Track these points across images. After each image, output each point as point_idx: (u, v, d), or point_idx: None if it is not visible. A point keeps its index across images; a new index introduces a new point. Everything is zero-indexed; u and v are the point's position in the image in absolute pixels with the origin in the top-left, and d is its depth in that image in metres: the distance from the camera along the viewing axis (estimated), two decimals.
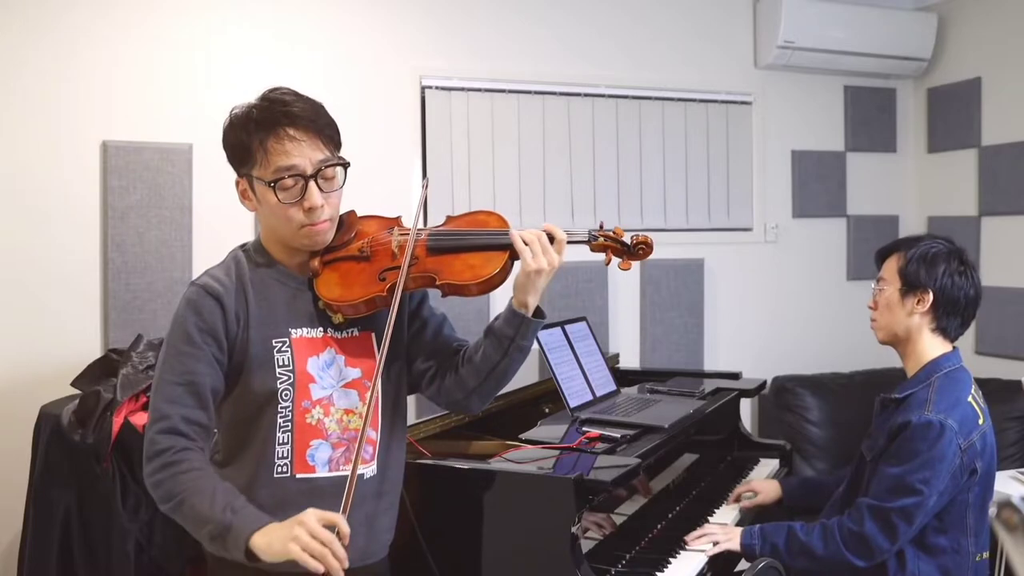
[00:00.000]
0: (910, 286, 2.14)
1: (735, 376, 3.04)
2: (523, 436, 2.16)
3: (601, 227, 1.68)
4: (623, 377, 3.00)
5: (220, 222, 3.17)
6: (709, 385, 2.84)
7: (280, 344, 1.60)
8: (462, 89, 3.56)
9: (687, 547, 2.13)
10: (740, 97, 4.09)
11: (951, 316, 2.14)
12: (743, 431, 3.00)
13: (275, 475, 1.58)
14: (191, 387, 1.54)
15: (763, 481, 2.54)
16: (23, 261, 2.93)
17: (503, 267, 1.60)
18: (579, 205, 3.78)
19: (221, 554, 1.50)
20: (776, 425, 3.88)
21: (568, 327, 2.61)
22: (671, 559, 2.07)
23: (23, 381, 2.90)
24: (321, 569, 1.39)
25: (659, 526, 2.26)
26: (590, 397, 2.47)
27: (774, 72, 4.12)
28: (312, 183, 1.56)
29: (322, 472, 1.60)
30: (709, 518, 2.37)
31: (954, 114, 4.21)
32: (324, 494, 1.58)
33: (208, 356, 1.56)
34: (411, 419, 2.09)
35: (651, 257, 1.72)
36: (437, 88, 3.52)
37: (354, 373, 1.64)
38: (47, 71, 2.95)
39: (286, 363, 1.59)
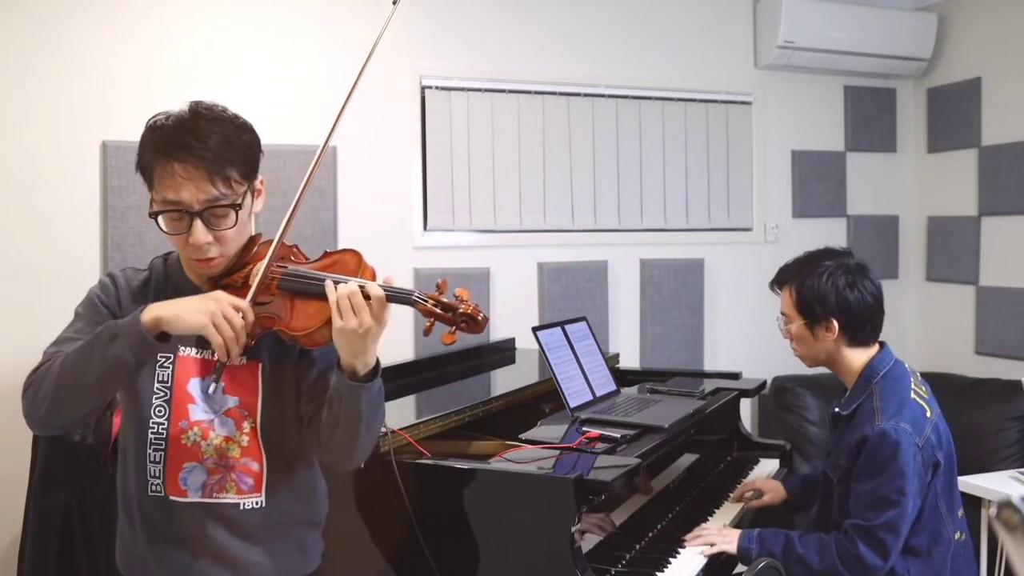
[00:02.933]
0: (812, 319, 2.19)
1: (735, 376, 3.04)
2: (523, 436, 2.16)
3: (439, 287, 1.45)
4: (623, 377, 3.00)
5: None
6: (709, 385, 2.84)
7: (163, 359, 1.54)
8: (462, 89, 3.56)
9: (685, 547, 2.13)
10: (740, 97, 4.09)
11: (860, 329, 2.19)
12: (743, 431, 3.00)
13: (149, 493, 1.54)
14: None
15: (767, 481, 2.54)
16: (23, 261, 2.93)
17: (327, 323, 1.42)
18: (579, 205, 3.78)
19: (123, 368, 1.39)
20: (776, 425, 3.88)
21: (568, 327, 2.61)
22: (671, 559, 2.07)
23: (23, 381, 2.89)
24: (225, 355, 1.37)
25: (659, 526, 2.26)
26: (590, 397, 2.47)
27: (774, 72, 4.12)
28: (198, 220, 1.44)
29: (195, 497, 1.53)
30: (709, 518, 2.37)
31: (954, 114, 4.20)
32: (199, 521, 1.53)
33: (101, 321, 1.51)
34: (411, 419, 2.09)
35: (651, 257, 1.69)
36: (437, 88, 3.52)
37: (232, 401, 1.55)
38: (47, 71, 2.95)
39: (165, 379, 1.54)
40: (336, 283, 1.42)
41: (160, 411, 1.53)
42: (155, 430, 1.53)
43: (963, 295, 4.18)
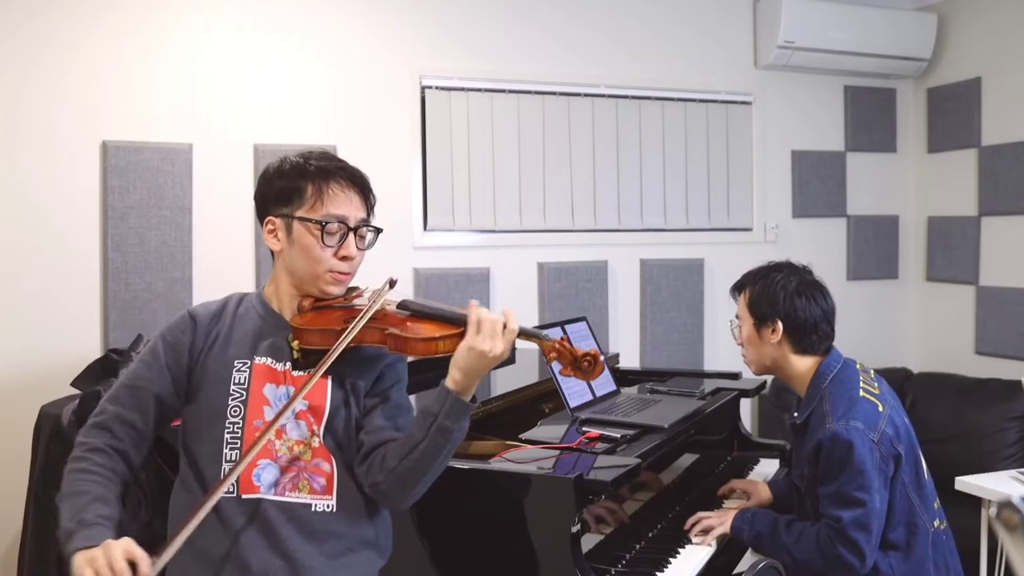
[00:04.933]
0: (760, 319, 2.24)
1: (735, 376, 3.04)
2: (523, 436, 2.15)
3: (562, 340, 1.63)
4: (623, 377, 3.00)
5: (220, 222, 3.18)
6: (709, 385, 2.83)
7: (241, 365, 1.63)
8: (462, 89, 3.56)
9: (678, 535, 2.15)
10: (740, 97, 4.09)
11: (805, 337, 2.22)
12: (743, 431, 3.00)
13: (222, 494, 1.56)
14: (135, 390, 1.61)
15: (751, 482, 2.54)
16: (23, 261, 2.93)
17: (451, 336, 1.57)
18: (579, 205, 3.78)
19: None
20: (776, 425, 3.88)
21: (568, 327, 2.61)
22: (671, 558, 2.07)
23: (23, 381, 2.90)
24: None
25: (659, 526, 2.26)
26: (590, 397, 2.47)
27: (774, 72, 4.12)
28: (351, 235, 1.65)
29: (267, 494, 1.58)
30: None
31: (954, 114, 4.21)
32: (269, 519, 1.57)
33: (161, 364, 1.63)
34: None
35: (651, 257, 1.71)
36: (437, 88, 3.52)
37: (302, 405, 1.62)
38: (48, 71, 2.96)
39: (242, 382, 1.62)
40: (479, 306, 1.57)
41: (236, 411, 1.61)
42: (231, 430, 1.60)
43: (963, 295, 4.18)
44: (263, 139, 3.24)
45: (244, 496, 1.58)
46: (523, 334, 1.58)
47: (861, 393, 2.14)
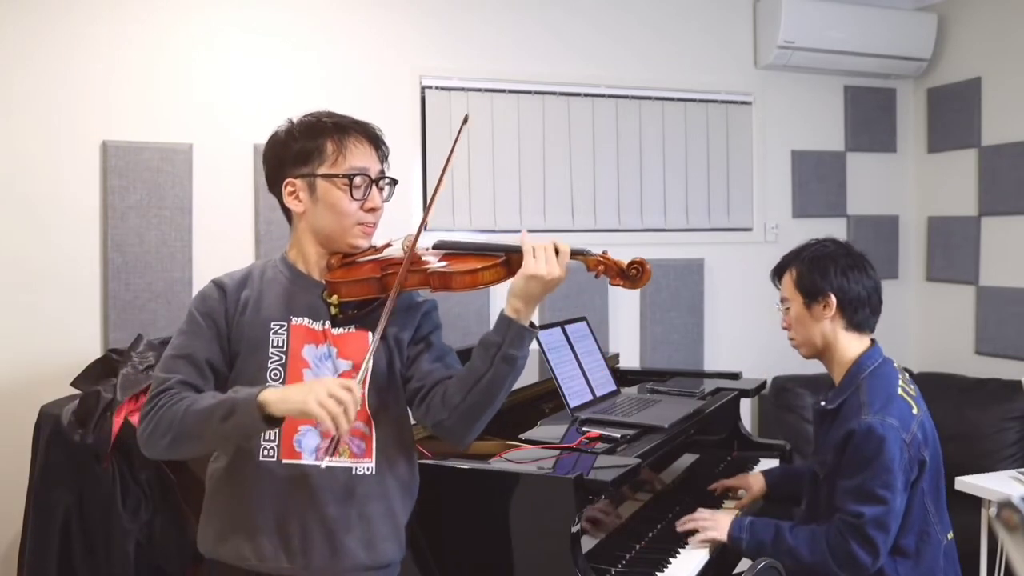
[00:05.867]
0: (811, 295, 2.18)
1: (735, 376, 3.04)
2: (523, 436, 2.16)
3: (604, 254, 1.67)
4: (623, 377, 3.00)
5: (220, 222, 3.17)
6: (709, 385, 2.84)
7: (278, 327, 1.63)
8: (462, 89, 3.56)
9: (678, 535, 2.14)
10: (740, 97, 4.09)
11: (859, 310, 2.17)
12: (743, 431, 3.00)
13: (261, 458, 1.59)
14: (189, 359, 1.59)
15: (746, 476, 2.53)
16: (23, 261, 2.93)
17: (493, 266, 1.61)
18: (579, 205, 3.78)
19: (234, 438, 1.52)
20: (776, 425, 3.88)
21: (568, 327, 2.61)
22: (671, 559, 2.07)
23: (23, 381, 2.90)
24: (333, 430, 1.42)
25: (659, 526, 2.26)
26: (590, 397, 2.47)
27: (774, 72, 4.12)
28: (374, 187, 1.67)
29: (308, 459, 1.59)
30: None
31: (954, 114, 4.21)
32: (309, 482, 1.58)
33: (207, 334, 1.62)
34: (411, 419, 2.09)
35: (651, 257, 1.71)
36: (437, 88, 3.52)
37: (345, 365, 1.63)
38: (47, 71, 2.95)
39: (280, 344, 1.62)
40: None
41: (276, 375, 1.60)
42: None
43: (963, 295, 4.18)
44: (263, 139, 3.20)
45: (285, 461, 1.59)
46: (572, 254, 1.62)
47: (899, 391, 2.10)
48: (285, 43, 3.28)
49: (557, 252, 1.57)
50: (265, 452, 1.59)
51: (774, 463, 2.86)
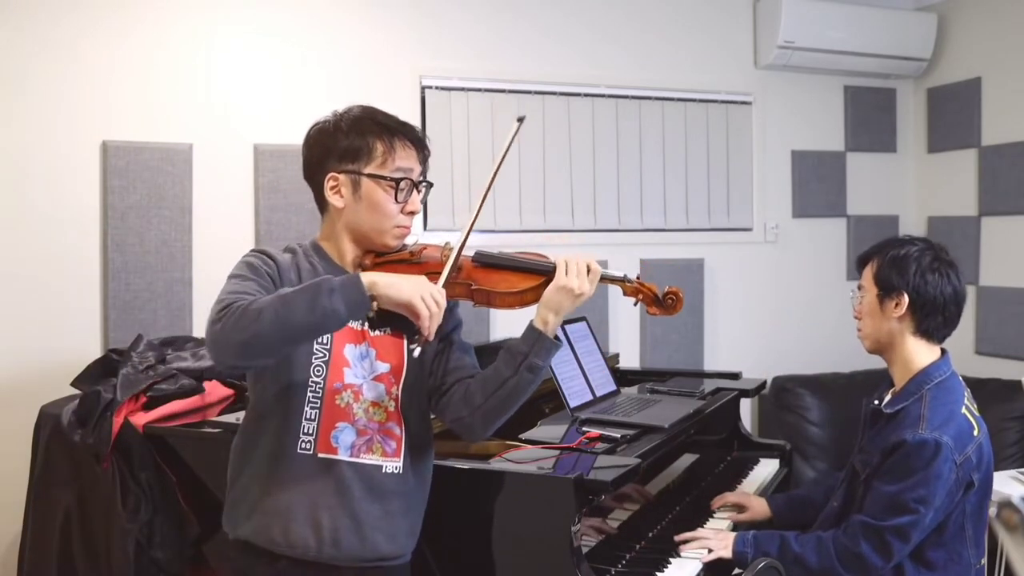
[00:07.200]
0: (885, 290, 2.11)
1: (735, 376, 3.04)
2: (523, 436, 2.15)
3: (638, 277, 1.78)
4: (623, 377, 3.00)
5: (220, 222, 3.17)
6: (709, 385, 2.83)
7: None
8: (462, 89, 3.56)
9: (681, 554, 2.12)
10: (740, 97, 4.09)
11: (930, 316, 2.09)
12: (743, 431, 3.00)
13: (298, 450, 1.62)
14: (250, 292, 1.54)
15: (750, 496, 2.49)
16: (23, 261, 2.93)
17: (536, 287, 1.67)
18: (579, 205, 3.78)
19: (327, 324, 1.47)
20: (776, 425, 3.88)
21: (568, 327, 2.61)
22: (671, 559, 2.07)
23: (23, 381, 2.90)
24: (427, 330, 1.49)
25: (659, 526, 2.26)
26: (590, 397, 2.47)
27: (774, 72, 4.12)
28: (415, 190, 1.71)
29: (344, 456, 1.63)
30: (709, 519, 2.37)
31: (954, 114, 4.21)
32: (343, 478, 1.62)
33: (263, 275, 1.60)
34: None
35: (651, 257, 1.73)
36: (437, 88, 3.52)
37: (383, 367, 1.68)
38: (47, 71, 2.95)
39: (324, 342, 1.63)
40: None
41: (319, 371, 1.63)
42: (313, 389, 1.63)
43: None
44: (263, 139, 3.23)
45: (321, 455, 1.62)
46: (604, 278, 1.72)
47: (963, 409, 2.04)
48: (285, 43, 3.28)
49: (588, 270, 1.67)
50: (303, 445, 1.62)
51: (774, 463, 2.86)
